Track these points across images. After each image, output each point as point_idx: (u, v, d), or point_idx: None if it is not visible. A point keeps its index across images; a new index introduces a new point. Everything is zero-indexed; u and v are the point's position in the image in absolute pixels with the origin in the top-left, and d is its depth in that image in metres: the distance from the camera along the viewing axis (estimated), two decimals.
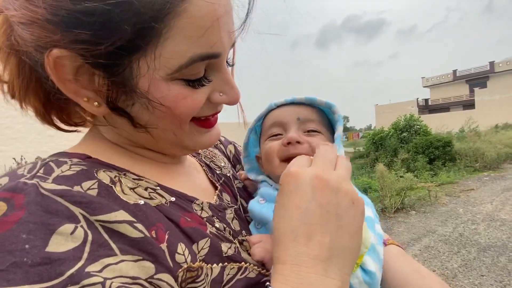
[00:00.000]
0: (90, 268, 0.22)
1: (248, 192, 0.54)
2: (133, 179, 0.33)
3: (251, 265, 0.36)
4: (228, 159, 0.61)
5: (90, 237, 0.24)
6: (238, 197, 0.49)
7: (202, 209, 0.38)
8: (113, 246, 0.25)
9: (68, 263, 0.22)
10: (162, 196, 0.34)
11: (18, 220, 0.22)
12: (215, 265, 0.32)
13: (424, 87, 36.06)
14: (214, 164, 0.53)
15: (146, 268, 0.25)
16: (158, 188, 0.35)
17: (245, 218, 0.46)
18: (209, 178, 0.48)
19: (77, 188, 0.27)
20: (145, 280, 0.25)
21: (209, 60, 0.31)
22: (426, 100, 34.77)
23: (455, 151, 8.77)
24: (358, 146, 14.35)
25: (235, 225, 0.42)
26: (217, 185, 0.47)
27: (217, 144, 0.62)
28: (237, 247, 0.37)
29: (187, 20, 0.27)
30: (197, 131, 0.37)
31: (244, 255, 0.37)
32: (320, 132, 0.48)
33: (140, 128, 0.33)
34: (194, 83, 0.31)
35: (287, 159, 0.41)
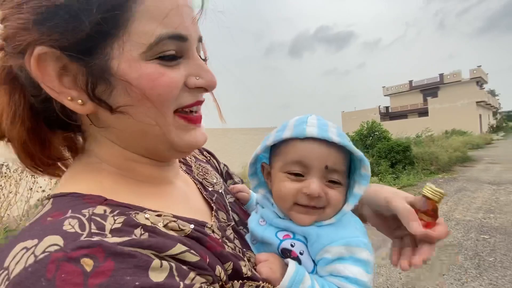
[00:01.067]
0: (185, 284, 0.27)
1: (240, 206, 0.56)
2: (156, 215, 0.34)
3: (266, 284, 0.38)
4: (221, 174, 0.63)
5: (174, 266, 0.28)
6: (230, 212, 0.50)
7: (213, 231, 0.39)
8: (186, 269, 0.29)
9: (173, 285, 0.26)
10: (184, 226, 0.35)
11: (113, 268, 0.23)
12: (235, 281, 0.35)
13: (385, 95, 38.79)
14: (207, 181, 0.53)
15: (208, 278, 0.31)
16: (176, 219, 0.35)
17: (241, 233, 0.48)
18: (203, 197, 0.48)
19: (136, 233, 0.29)
20: (211, 284, 0.31)
21: (176, 41, 0.32)
22: (387, 108, 37.38)
23: (413, 155, 9.45)
24: None
25: (237, 243, 0.43)
26: (212, 204, 0.46)
27: (209, 159, 0.64)
28: (249, 266, 0.38)
29: (149, 3, 0.30)
30: (182, 126, 0.36)
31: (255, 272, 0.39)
32: (342, 184, 0.45)
33: (119, 113, 0.32)
34: (168, 60, 0.32)
35: (301, 205, 0.42)
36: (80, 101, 0.31)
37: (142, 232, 0.29)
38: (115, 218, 0.29)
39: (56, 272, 0.22)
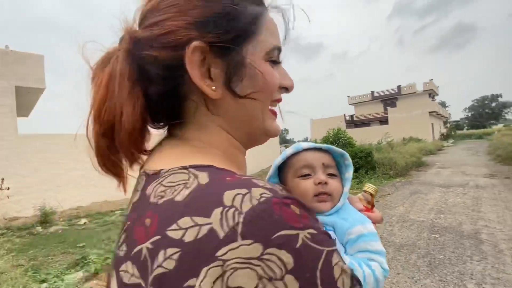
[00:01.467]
0: None
1: None
2: None
3: None
4: None
5: None
6: None
7: None
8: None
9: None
10: None
11: (307, 215, 0.27)
12: None
13: (349, 104, 41.04)
14: None
15: None
16: None
17: None
18: None
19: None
20: None
21: (278, 51, 0.41)
22: (352, 116, 39.54)
23: (375, 160, 10.01)
24: None
25: None
26: None
27: None
28: None
29: (268, 23, 0.40)
30: (270, 116, 0.42)
31: None
32: (337, 176, 0.59)
33: (244, 99, 0.37)
34: (275, 63, 0.41)
35: (317, 195, 0.54)
36: (213, 87, 0.35)
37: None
38: (265, 183, 0.30)
39: (280, 212, 0.25)
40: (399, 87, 34.34)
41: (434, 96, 35.70)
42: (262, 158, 16.72)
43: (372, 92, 38.12)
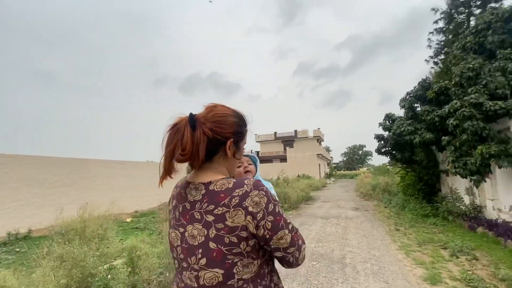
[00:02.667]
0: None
1: None
2: None
3: None
4: None
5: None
6: None
7: None
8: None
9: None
10: None
11: (269, 193, 0.77)
12: None
13: (256, 142, 44.58)
14: None
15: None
16: None
17: None
18: None
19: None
20: None
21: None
22: (258, 153, 42.80)
23: None
24: None
25: None
26: None
27: None
28: None
29: (244, 139, 0.90)
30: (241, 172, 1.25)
31: None
32: (252, 164, 1.30)
33: (235, 159, 0.89)
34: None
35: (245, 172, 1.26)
36: (229, 153, 0.82)
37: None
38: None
39: (258, 182, 0.76)
40: (295, 131, 40.03)
41: (320, 141, 43.22)
42: (161, 192, 15.35)
43: (275, 133, 42.86)
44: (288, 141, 40.40)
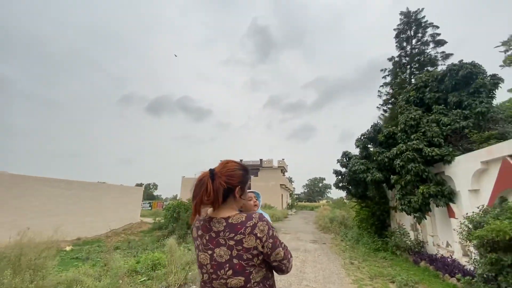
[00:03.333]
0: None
1: None
2: None
3: None
4: None
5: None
6: None
7: None
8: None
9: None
10: None
11: (269, 222, 1.13)
12: None
13: None
14: None
15: None
16: None
17: None
18: None
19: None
20: None
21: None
22: None
23: None
24: (159, 216, 13.88)
25: None
26: None
27: None
28: None
29: (248, 184, 1.28)
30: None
31: None
32: (257, 199, 1.77)
33: (243, 199, 1.24)
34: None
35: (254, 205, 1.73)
36: (238, 196, 1.17)
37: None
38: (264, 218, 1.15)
39: (261, 215, 1.11)
40: (261, 160, 40.68)
41: (284, 172, 44.30)
42: (127, 214, 14.40)
43: (241, 160, 43.04)
44: (253, 169, 40.69)
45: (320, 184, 76.48)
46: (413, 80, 11.53)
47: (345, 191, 10.00)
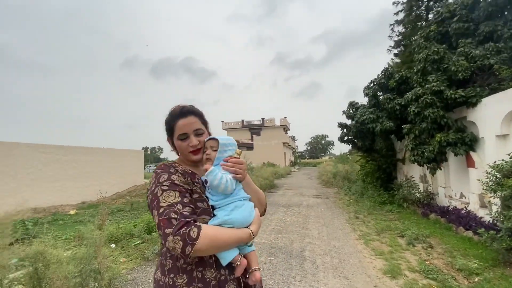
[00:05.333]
0: None
1: None
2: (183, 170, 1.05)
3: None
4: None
5: (181, 173, 1.04)
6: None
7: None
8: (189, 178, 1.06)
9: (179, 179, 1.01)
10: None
11: (164, 166, 1.05)
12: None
13: (223, 129, 43.52)
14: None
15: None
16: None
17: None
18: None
19: (176, 166, 1.05)
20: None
21: (183, 135, 1.06)
22: None
23: None
24: None
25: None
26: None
27: None
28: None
29: (177, 125, 1.05)
30: (190, 155, 1.08)
31: None
32: (215, 151, 1.08)
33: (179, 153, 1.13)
34: (183, 139, 1.06)
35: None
36: (171, 146, 1.14)
37: (179, 166, 1.07)
38: (172, 162, 1.08)
39: (158, 171, 1.00)
40: (263, 119, 39.78)
41: (287, 130, 43.71)
42: (130, 177, 14.35)
43: (242, 120, 42.19)
44: (255, 129, 40.07)
45: (323, 141, 76.51)
46: (430, 15, 10.00)
47: (350, 145, 9.39)
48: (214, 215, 0.97)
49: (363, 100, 8.83)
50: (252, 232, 0.97)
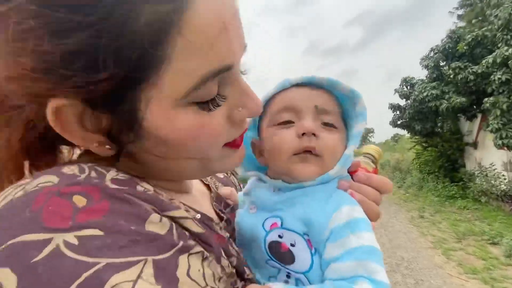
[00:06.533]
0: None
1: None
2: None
3: None
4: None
5: (174, 226, 0.27)
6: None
7: (220, 229, 0.38)
8: (188, 234, 0.28)
9: (172, 241, 0.25)
10: (188, 211, 0.33)
11: (108, 209, 0.23)
12: (238, 279, 0.34)
13: None
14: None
15: (211, 254, 0.30)
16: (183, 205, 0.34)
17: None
18: (213, 207, 0.43)
19: (139, 188, 0.27)
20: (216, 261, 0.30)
21: (221, 74, 0.27)
22: None
23: None
24: None
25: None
26: (221, 214, 0.42)
27: (229, 176, 0.62)
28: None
29: (192, 34, 0.23)
30: (227, 154, 0.34)
31: None
32: (337, 128, 0.41)
33: (157, 158, 0.31)
34: (208, 105, 0.28)
35: (299, 153, 0.38)
36: (107, 146, 0.28)
37: (145, 189, 0.28)
38: (118, 174, 0.28)
39: (44, 204, 0.21)
40: None
41: None
42: None
43: None
44: None
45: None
46: None
47: (405, 130, 7.99)
48: None
49: (420, 74, 7.34)
50: None
